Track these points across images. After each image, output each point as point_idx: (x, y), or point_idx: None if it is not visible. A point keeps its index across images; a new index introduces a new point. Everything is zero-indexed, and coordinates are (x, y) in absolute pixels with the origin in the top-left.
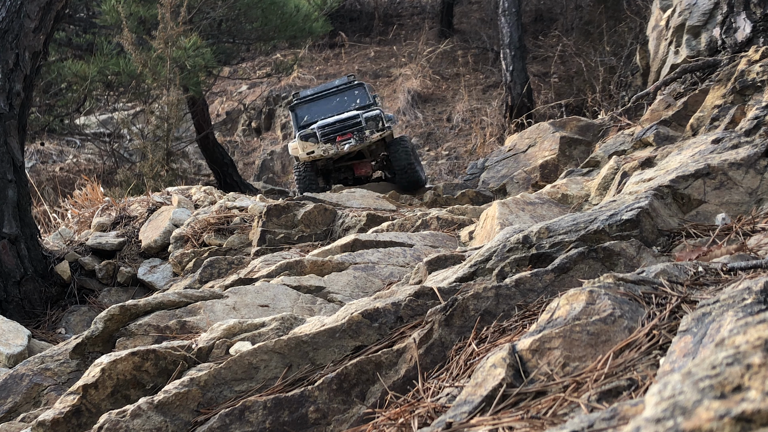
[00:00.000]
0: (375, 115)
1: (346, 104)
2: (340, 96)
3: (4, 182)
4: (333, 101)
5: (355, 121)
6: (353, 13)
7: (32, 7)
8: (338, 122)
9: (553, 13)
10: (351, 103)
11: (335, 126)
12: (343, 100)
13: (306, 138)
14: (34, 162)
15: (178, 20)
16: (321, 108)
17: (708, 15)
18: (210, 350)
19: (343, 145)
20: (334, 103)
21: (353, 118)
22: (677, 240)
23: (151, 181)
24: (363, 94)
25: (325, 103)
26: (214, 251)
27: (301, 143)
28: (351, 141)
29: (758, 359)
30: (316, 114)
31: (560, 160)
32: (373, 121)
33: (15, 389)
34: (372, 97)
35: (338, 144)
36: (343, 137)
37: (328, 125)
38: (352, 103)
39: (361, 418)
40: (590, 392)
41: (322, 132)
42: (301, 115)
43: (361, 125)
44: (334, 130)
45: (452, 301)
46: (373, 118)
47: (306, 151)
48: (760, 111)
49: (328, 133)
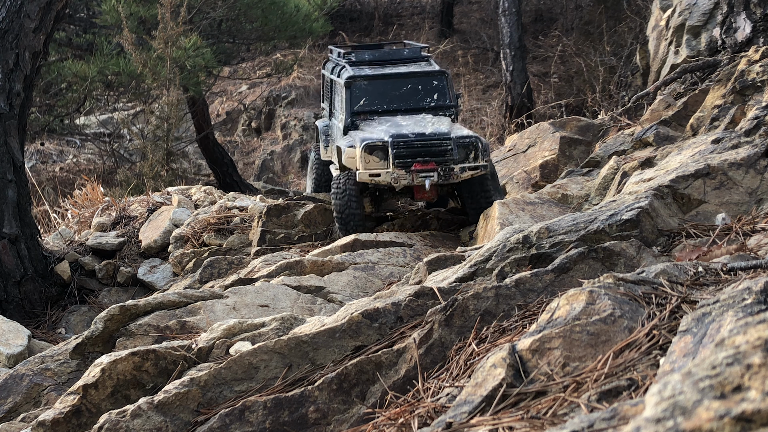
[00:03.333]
0: (470, 141)
1: (421, 98)
2: (413, 81)
3: (4, 182)
4: (402, 86)
5: (444, 146)
6: (353, 13)
7: (32, 7)
8: (421, 141)
9: (553, 13)
10: (427, 97)
11: (415, 146)
12: (416, 90)
13: (371, 150)
14: (34, 162)
15: (178, 20)
16: (385, 92)
17: (708, 15)
18: (210, 350)
19: (423, 178)
20: (405, 90)
21: (442, 139)
22: (677, 240)
23: (151, 181)
24: (444, 88)
25: (391, 85)
26: (214, 251)
27: (364, 156)
28: (433, 176)
29: (758, 359)
30: (380, 100)
31: (560, 160)
32: (465, 150)
33: (15, 389)
34: (455, 96)
35: (415, 174)
36: (423, 165)
37: (407, 142)
38: (428, 98)
39: (361, 418)
40: (590, 392)
41: (397, 150)
42: (358, 95)
43: (451, 153)
44: (412, 151)
45: (452, 301)
46: (467, 145)
47: (369, 171)
48: (760, 111)
49: (405, 154)
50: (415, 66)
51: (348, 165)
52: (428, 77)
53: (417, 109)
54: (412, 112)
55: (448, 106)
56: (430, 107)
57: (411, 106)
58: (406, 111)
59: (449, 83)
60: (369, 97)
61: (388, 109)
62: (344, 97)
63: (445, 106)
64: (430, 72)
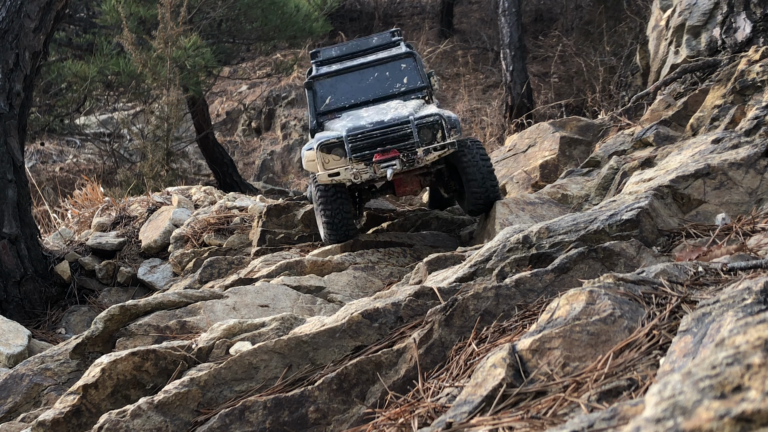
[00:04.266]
0: (433, 121)
1: (389, 84)
2: (380, 69)
3: (4, 182)
4: (369, 76)
5: (405, 131)
6: (353, 13)
7: (32, 7)
8: (378, 130)
9: (553, 13)
10: (396, 82)
11: (374, 136)
12: (383, 77)
13: (328, 149)
14: (34, 162)
15: (178, 20)
16: (351, 86)
17: (708, 15)
18: (210, 350)
19: (384, 168)
20: (371, 80)
21: (401, 124)
22: (677, 240)
23: (151, 181)
24: (413, 69)
25: (357, 78)
26: (214, 251)
27: (321, 156)
28: (395, 164)
29: (758, 359)
30: (345, 96)
31: (560, 160)
32: (430, 130)
33: (15, 389)
34: (426, 76)
35: (376, 165)
36: (384, 155)
37: (363, 133)
38: (397, 82)
39: (361, 418)
40: (590, 392)
41: (353, 144)
42: (323, 95)
43: (411, 136)
44: (371, 142)
45: (452, 301)
46: (430, 125)
47: (328, 171)
48: (760, 111)
49: (363, 146)
50: (381, 53)
51: (310, 169)
52: (394, 62)
53: (386, 96)
54: (382, 101)
55: (419, 87)
56: (400, 93)
57: (380, 95)
58: (375, 101)
59: (419, 63)
60: (334, 95)
61: (356, 102)
62: (308, 101)
63: (417, 88)
64: (394, 56)
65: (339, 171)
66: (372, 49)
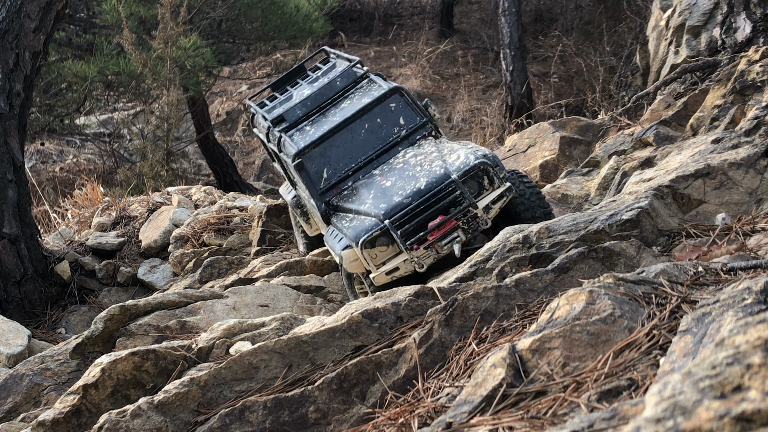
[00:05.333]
0: (476, 168)
1: (386, 132)
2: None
3: (4, 182)
4: (360, 130)
5: (452, 193)
6: (353, 13)
7: (32, 7)
8: (422, 203)
9: (553, 13)
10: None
11: (419, 211)
12: (376, 126)
13: (371, 244)
14: (34, 162)
15: (178, 20)
16: (345, 149)
17: (708, 15)
18: (210, 350)
19: (449, 245)
20: (364, 134)
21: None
22: (677, 240)
23: (151, 181)
24: (405, 106)
25: (347, 137)
26: (214, 251)
27: (369, 254)
28: (458, 236)
29: (758, 359)
30: (342, 163)
31: (560, 160)
32: (475, 180)
33: (15, 389)
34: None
35: (438, 246)
36: (441, 230)
37: (407, 212)
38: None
39: (361, 418)
40: (590, 392)
41: (402, 229)
42: (317, 170)
43: (463, 197)
44: (420, 220)
45: (452, 301)
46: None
47: (385, 270)
48: (760, 111)
49: (414, 228)
50: (359, 95)
51: (355, 270)
52: (381, 104)
53: (389, 147)
54: (386, 153)
55: (421, 125)
56: (403, 137)
57: (381, 148)
58: (379, 156)
59: (409, 98)
60: (330, 165)
61: (358, 165)
62: (303, 181)
63: (418, 126)
64: (378, 99)
65: (398, 266)
66: (341, 93)
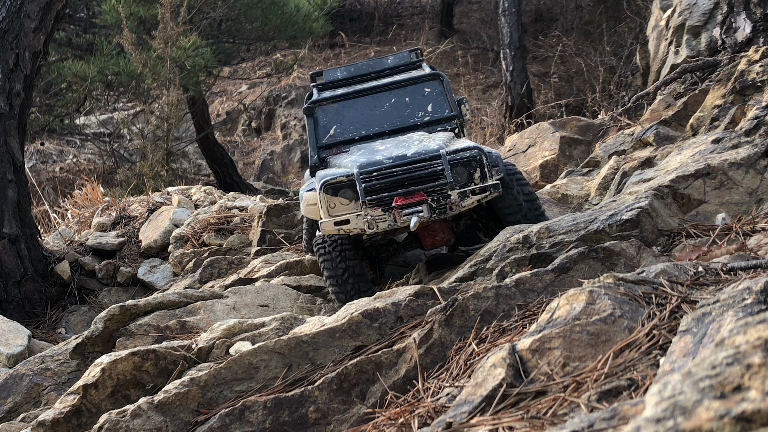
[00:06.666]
0: (471, 156)
1: (410, 112)
2: (398, 93)
3: (4, 182)
4: (384, 102)
5: (434, 168)
6: (353, 13)
7: (32, 7)
8: (400, 167)
9: (553, 13)
10: (418, 110)
11: (394, 174)
12: (402, 104)
13: (335, 190)
14: (34, 162)
15: (178, 20)
16: (362, 114)
17: (708, 15)
18: (210, 350)
19: (407, 216)
20: (387, 107)
21: (429, 159)
22: (677, 240)
23: (151, 181)
24: (439, 94)
25: (369, 103)
26: (214, 251)
27: (326, 199)
28: (421, 210)
29: (758, 359)
30: (354, 126)
31: (560, 160)
32: (466, 168)
33: (15, 389)
34: (456, 102)
35: (397, 213)
36: (407, 199)
37: (381, 170)
38: (420, 111)
39: (361, 418)
40: (590, 392)
41: (368, 184)
42: (326, 124)
43: (444, 179)
44: (391, 182)
45: (452, 301)
46: (466, 162)
47: (334, 219)
48: (760, 111)
49: (381, 187)
50: (399, 75)
51: (311, 215)
52: (416, 85)
53: (406, 128)
54: (400, 132)
55: (448, 117)
56: (423, 123)
57: (398, 126)
58: (392, 133)
59: (446, 88)
60: (341, 124)
61: (368, 134)
62: (308, 130)
63: (444, 118)
64: (416, 78)
65: (349, 218)
66: (387, 70)
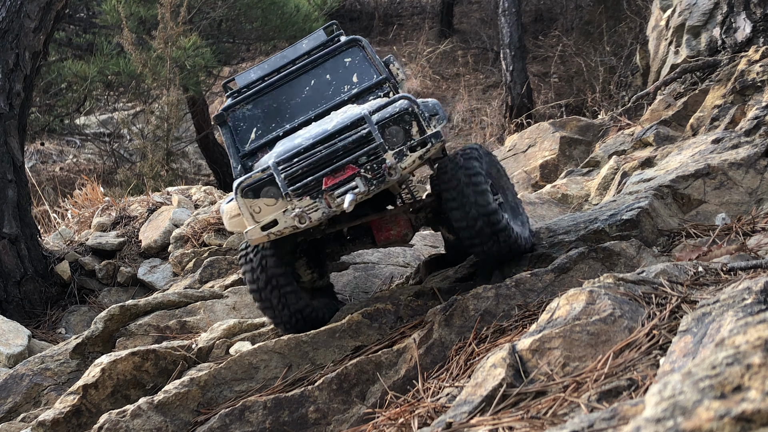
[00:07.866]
0: (401, 110)
1: (334, 89)
2: (316, 73)
3: (4, 182)
4: (304, 87)
5: (360, 134)
6: (353, 13)
7: (32, 7)
8: (322, 143)
9: (553, 13)
10: (343, 84)
11: (316, 153)
12: (323, 82)
13: (255, 192)
14: (34, 162)
15: (178, 20)
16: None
17: (708, 15)
18: (210, 350)
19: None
20: (308, 91)
21: (352, 125)
22: (677, 240)
23: (151, 181)
24: (362, 60)
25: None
26: (214, 251)
27: (247, 204)
28: (355, 185)
29: (758, 359)
30: (275, 122)
31: (560, 160)
32: (400, 126)
33: (15, 389)
34: (383, 63)
35: (329, 196)
36: (336, 177)
37: (299, 153)
38: (345, 84)
39: (361, 418)
40: (590, 392)
41: (289, 172)
42: (244, 130)
43: (374, 142)
44: (314, 163)
45: (452, 301)
46: (398, 119)
47: (260, 223)
48: (760, 111)
49: (304, 172)
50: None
51: (237, 229)
52: (334, 58)
53: (335, 107)
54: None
55: (378, 82)
56: (352, 96)
57: (325, 107)
58: (320, 117)
59: (368, 51)
60: (261, 125)
61: (294, 127)
62: (225, 141)
63: (374, 84)
64: (333, 51)
65: (276, 218)
66: (305, 56)
